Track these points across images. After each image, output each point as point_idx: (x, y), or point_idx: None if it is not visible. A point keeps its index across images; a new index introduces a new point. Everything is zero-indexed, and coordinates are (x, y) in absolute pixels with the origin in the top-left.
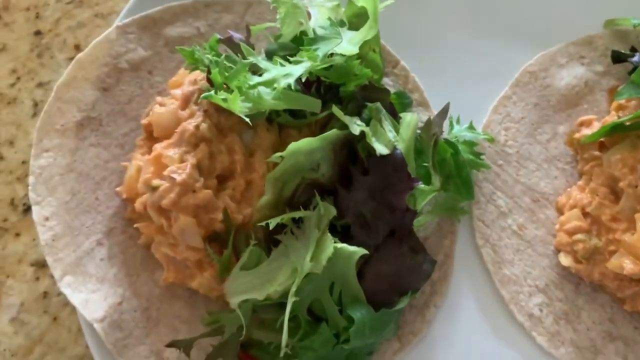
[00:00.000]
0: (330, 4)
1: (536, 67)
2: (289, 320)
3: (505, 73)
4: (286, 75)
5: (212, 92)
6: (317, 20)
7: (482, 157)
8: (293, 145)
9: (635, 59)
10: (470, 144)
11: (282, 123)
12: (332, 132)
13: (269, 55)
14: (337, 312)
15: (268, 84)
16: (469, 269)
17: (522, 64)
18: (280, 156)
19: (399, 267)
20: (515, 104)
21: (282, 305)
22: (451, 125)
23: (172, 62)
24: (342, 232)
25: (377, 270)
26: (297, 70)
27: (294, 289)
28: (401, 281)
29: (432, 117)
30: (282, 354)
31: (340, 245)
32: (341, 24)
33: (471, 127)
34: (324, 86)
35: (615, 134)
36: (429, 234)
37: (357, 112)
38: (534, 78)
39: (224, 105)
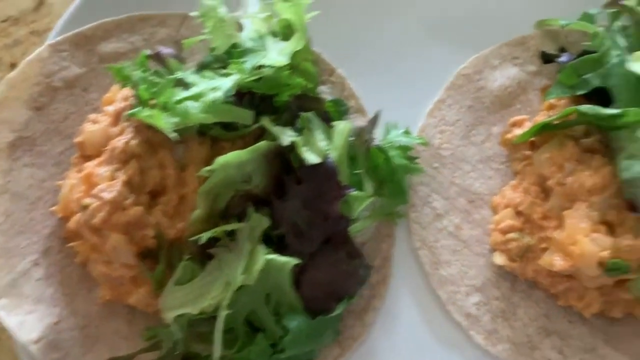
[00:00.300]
0: (261, 15)
1: (470, 69)
2: (227, 332)
3: (443, 76)
4: (214, 89)
5: (139, 109)
6: (250, 32)
7: (417, 161)
8: (221, 159)
9: (562, 59)
10: (405, 148)
11: (215, 136)
12: (262, 144)
13: (203, 68)
14: (273, 322)
15: (195, 98)
16: (408, 271)
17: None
18: (210, 170)
19: (335, 274)
20: (450, 107)
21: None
22: (387, 131)
23: (108, 79)
24: (277, 242)
25: (314, 277)
26: (225, 83)
27: (225, 302)
28: (338, 287)
29: (363, 125)
30: None
31: (272, 256)
32: (274, 35)
33: (407, 132)
34: (257, 97)
35: (544, 133)
36: (367, 239)
37: (291, 122)
38: (467, 80)
39: (149, 121)
